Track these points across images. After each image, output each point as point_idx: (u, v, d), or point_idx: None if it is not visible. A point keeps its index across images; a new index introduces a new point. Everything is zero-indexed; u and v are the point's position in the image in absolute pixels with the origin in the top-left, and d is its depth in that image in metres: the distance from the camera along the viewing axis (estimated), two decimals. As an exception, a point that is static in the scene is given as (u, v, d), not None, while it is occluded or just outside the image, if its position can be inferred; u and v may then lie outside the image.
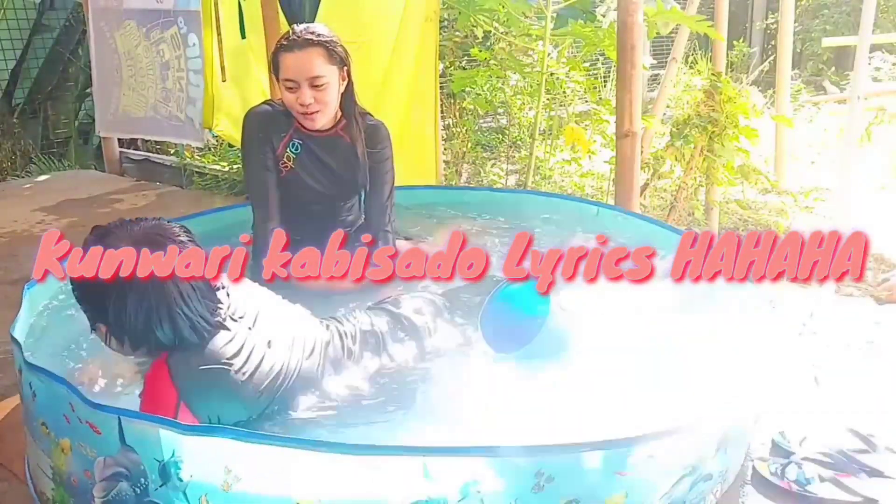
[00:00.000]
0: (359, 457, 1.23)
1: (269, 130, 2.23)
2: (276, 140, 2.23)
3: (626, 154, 2.73)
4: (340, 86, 2.19)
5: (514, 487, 1.24)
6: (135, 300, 1.37)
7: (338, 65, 2.14)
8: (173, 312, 1.39)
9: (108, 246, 1.38)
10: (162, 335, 1.40)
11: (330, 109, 2.19)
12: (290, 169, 2.25)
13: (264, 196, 2.24)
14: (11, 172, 5.68)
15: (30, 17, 5.92)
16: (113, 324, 1.41)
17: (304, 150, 2.25)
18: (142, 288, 1.37)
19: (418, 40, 3.72)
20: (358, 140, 2.27)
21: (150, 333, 1.40)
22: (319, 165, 2.27)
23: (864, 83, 3.64)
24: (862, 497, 1.53)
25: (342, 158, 2.29)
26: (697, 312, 2.00)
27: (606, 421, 1.49)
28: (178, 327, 1.41)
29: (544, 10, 3.50)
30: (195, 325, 1.42)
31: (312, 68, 2.08)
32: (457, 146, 4.95)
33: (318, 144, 2.26)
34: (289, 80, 2.11)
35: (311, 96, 2.11)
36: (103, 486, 1.33)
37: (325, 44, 2.10)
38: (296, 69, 2.09)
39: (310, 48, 2.08)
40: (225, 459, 1.23)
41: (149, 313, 1.38)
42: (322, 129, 2.25)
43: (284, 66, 2.11)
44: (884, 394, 1.97)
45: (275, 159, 2.24)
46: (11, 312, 1.76)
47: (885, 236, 3.24)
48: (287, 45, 2.11)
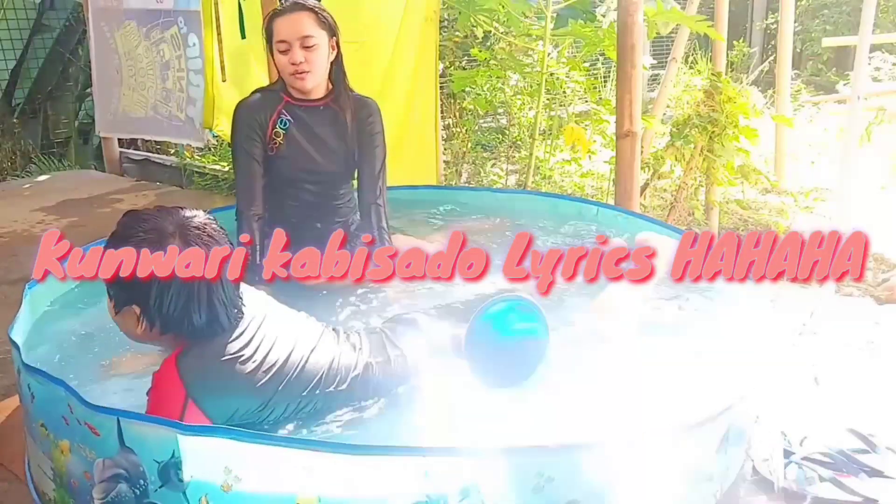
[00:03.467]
0: (359, 457, 1.23)
1: (258, 115, 2.28)
2: (266, 119, 2.29)
3: (626, 154, 2.73)
4: (330, 55, 2.26)
5: (514, 488, 1.24)
6: (179, 283, 1.40)
7: (327, 31, 2.23)
8: (213, 299, 1.43)
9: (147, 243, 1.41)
10: (197, 320, 1.43)
11: (319, 71, 2.25)
12: (280, 146, 2.30)
13: (249, 185, 2.28)
14: (11, 172, 5.68)
15: (30, 17, 5.93)
16: (152, 306, 1.42)
17: (296, 123, 2.30)
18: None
19: (418, 40, 3.72)
20: (348, 110, 2.33)
21: (185, 318, 1.43)
22: (310, 136, 2.31)
23: (864, 83, 3.63)
24: (862, 497, 1.53)
25: (333, 130, 2.33)
26: (697, 312, 2.01)
27: (606, 422, 1.49)
28: (215, 313, 1.44)
29: (544, 10, 3.50)
30: (228, 312, 1.47)
31: (302, 28, 2.18)
32: (457, 146, 4.95)
33: (309, 115, 2.31)
34: (281, 41, 2.20)
35: (302, 55, 2.19)
36: (103, 487, 1.33)
37: (313, 9, 2.22)
38: (287, 30, 2.19)
39: (300, 11, 2.21)
40: (225, 460, 1.23)
41: (189, 297, 1.41)
42: (313, 98, 2.30)
43: (277, 30, 2.21)
44: (884, 394, 1.97)
45: (263, 148, 2.28)
46: (11, 312, 1.76)
47: (885, 236, 3.24)
48: (278, 11, 2.25)
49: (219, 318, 1.46)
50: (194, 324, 1.44)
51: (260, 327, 1.52)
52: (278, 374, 1.50)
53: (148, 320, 1.44)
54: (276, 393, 1.49)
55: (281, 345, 1.53)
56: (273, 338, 1.53)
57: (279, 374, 1.50)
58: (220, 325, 1.46)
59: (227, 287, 1.46)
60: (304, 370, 1.54)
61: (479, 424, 1.53)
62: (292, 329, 1.60)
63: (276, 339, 1.53)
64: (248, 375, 1.46)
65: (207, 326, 1.45)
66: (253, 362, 1.47)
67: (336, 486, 1.23)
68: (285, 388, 1.50)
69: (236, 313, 1.50)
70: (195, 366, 1.43)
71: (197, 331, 1.45)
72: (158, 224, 1.43)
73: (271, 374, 1.49)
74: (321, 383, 1.56)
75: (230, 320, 1.48)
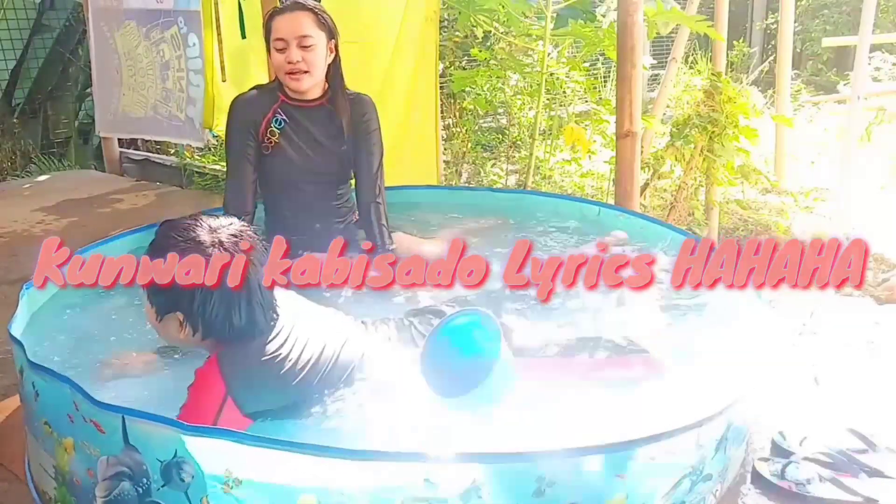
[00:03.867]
0: (359, 462, 1.23)
1: (253, 112, 2.28)
2: (260, 117, 2.27)
3: (626, 154, 2.73)
4: (328, 56, 2.25)
5: (515, 492, 1.24)
6: (220, 290, 1.47)
7: (326, 33, 2.23)
8: (252, 303, 1.51)
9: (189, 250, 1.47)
10: (237, 323, 1.50)
11: (316, 72, 2.24)
12: (276, 144, 2.29)
13: (239, 184, 2.29)
14: (11, 172, 5.67)
15: (30, 17, 5.92)
16: (195, 313, 1.49)
17: (291, 122, 2.29)
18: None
19: (418, 40, 3.72)
20: (344, 112, 2.31)
21: (226, 322, 1.50)
22: (306, 137, 2.31)
23: (864, 83, 3.64)
24: (862, 497, 1.53)
25: (329, 130, 2.32)
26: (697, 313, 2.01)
27: (606, 423, 1.49)
28: (254, 317, 1.52)
29: (544, 10, 3.50)
30: (266, 315, 1.55)
31: (301, 27, 2.18)
32: (457, 146, 4.96)
33: (304, 115, 2.30)
34: (279, 39, 2.19)
35: (299, 55, 2.18)
36: (106, 485, 1.33)
37: (313, 10, 2.22)
38: (286, 28, 2.19)
39: (299, 11, 2.20)
40: (227, 461, 1.23)
41: (230, 303, 1.49)
42: (309, 98, 2.29)
43: (276, 28, 2.21)
44: (884, 394, 1.97)
45: (257, 146, 2.28)
46: (11, 312, 1.76)
47: (885, 236, 3.24)
48: (279, 9, 2.25)
49: (257, 321, 1.53)
50: (234, 327, 1.51)
51: (294, 327, 1.59)
52: (312, 371, 1.56)
53: (191, 326, 1.51)
54: (312, 387, 1.56)
55: (314, 343, 1.59)
56: (306, 337, 1.59)
57: (313, 371, 1.56)
58: (259, 327, 1.54)
59: (263, 291, 1.53)
60: (336, 365, 1.60)
61: (480, 428, 1.53)
62: (323, 326, 1.66)
63: (309, 338, 1.59)
64: (285, 374, 1.53)
65: (247, 329, 1.52)
66: (289, 361, 1.54)
67: (337, 489, 1.23)
68: (319, 383, 1.57)
69: (273, 315, 1.57)
70: (236, 365, 1.50)
71: (237, 333, 1.52)
72: (196, 234, 1.49)
73: (305, 372, 1.55)
74: (351, 377, 1.63)
75: (268, 322, 1.55)
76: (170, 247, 1.48)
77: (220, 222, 1.54)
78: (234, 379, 1.48)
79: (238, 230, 1.54)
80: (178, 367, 1.77)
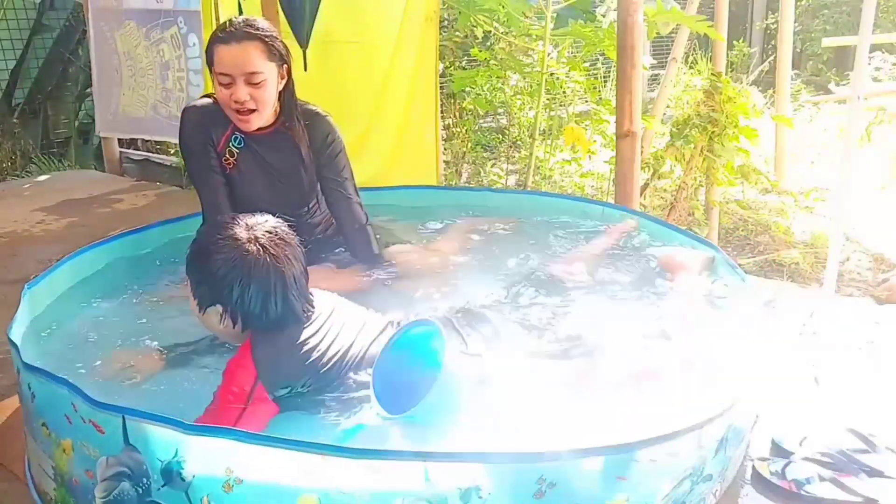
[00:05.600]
0: (360, 460, 1.23)
1: (208, 125, 2.10)
2: (218, 135, 2.10)
3: (626, 154, 2.74)
4: (279, 84, 2.05)
5: (515, 493, 1.24)
6: (257, 283, 1.56)
7: (277, 62, 2.01)
8: (287, 294, 1.59)
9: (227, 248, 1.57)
10: (274, 314, 1.59)
11: (266, 109, 2.04)
12: (235, 166, 2.12)
13: (213, 197, 2.12)
14: (11, 172, 5.67)
15: (30, 17, 5.91)
16: (234, 305, 1.58)
17: (247, 149, 2.12)
18: (264, 273, 1.57)
19: (418, 40, 3.73)
20: (301, 139, 2.13)
21: (263, 313, 1.58)
22: (263, 165, 2.14)
23: (864, 83, 3.64)
24: (862, 497, 1.53)
25: (287, 157, 2.14)
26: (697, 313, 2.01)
27: (606, 425, 1.49)
28: (290, 306, 1.60)
29: (544, 10, 3.51)
30: (302, 305, 1.63)
31: (250, 63, 1.94)
32: (457, 146, 4.96)
33: (258, 143, 2.12)
34: (224, 73, 1.96)
35: (246, 93, 1.97)
36: (105, 485, 1.33)
37: (264, 38, 1.97)
38: (231, 63, 1.95)
39: (247, 42, 1.95)
40: (227, 460, 1.23)
41: (267, 295, 1.57)
42: (261, 126, 2.09)
43: (219, 59, 1.96)
44: (884, 394, 1.97)
45: (218, 157, 2.12)
46: (11, 312, 1.76)
47: (884, 236, 3.24)
48: (223, 37, 1.96)
49: (294, 310, 1.61)
50: (271, 317, 1.59)
51: (327, 320, 1.66)
52: (340, 362, 1.62)
53: (231, 317, 1.60)
54: (338, 378, 1.62)
55: (344, 336, 1.66)
56: (338, 330, 1.66)
57: (341, 361, 1.62)
58: (295, 315, 1.62)
59: (298, 282, 1.62)
60: (364, 359, 1.65)
61: (480, 428, 1.53)
62: (356, 322, 1.72)
63: (340, 331, 1.66)
64: (313, 362, 1.59)
65: (283, 318, 1.61)
66: (318, 351, 1.60)
67: (338, 488, 1.23)
68: (345, 374, 1.62)
69: (308, 307, 1.65)
70: (268, 351, 1.57)
71: (273, 323, 1.60)
72: (233, 231, 1.59)
73: (333, 362, 1.61)
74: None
75: (303, 313, 1.63)
76: (209, 244, 1.59)
77: (256, 220, 1.64)
78: (265, 365, 1.54)
79: (273, 226, 1.63)
80: (181, 366, 1.77)
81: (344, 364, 1.63)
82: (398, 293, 2.16)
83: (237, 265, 1.56)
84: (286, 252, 1.61)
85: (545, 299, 2.04)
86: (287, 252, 1.61)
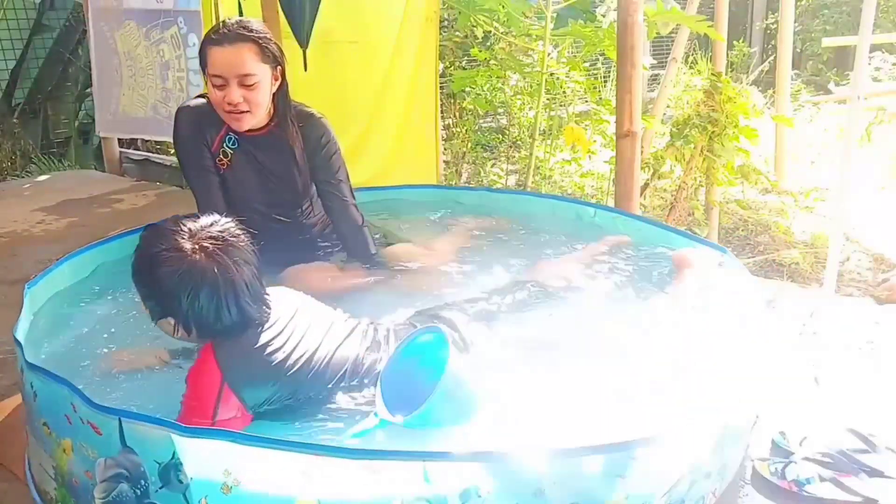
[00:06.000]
0: (358, 461, 1.23)
1: (202, 125, 2.10)
2: (211, 135, 2.11)
3: (626, 154, 2.73)
4: (273, 86, 2.05)
5: (515, 493, 1.24)
6: (208, 293, 1.51)
7: (270, 63, 2.02)
8: (241, 301, 1.54)
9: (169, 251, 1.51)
10: (228, 321, 1.54)
11: (260, 111, 2.05)
12: (229, 167, 2.14)
13: (209, 197, 2.13)
14: (11, 172, 5.67)
15: (30, 17, 5.92)
16: (186, 317, 1.53)
17: (240, 149, 2.13)
18: (212, 283, 1.51)
19: (418, 40, 3.73)
20: (295, 141, 2.13)
21: (217, 321, 1.54)
22: (256, 166, 2.15)
23: (864, 83, 3.64)
24: (862, 497, 1.53)
25: (281, 159, 2.15)
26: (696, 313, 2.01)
27: (606, 424, 1.49)
28: (244, 312, 1.55)
29: (544, 10, 3.50)
30: (258, 308, 1.58)
31: (243, 65, 1.95)
32: (457, 146, 4.96)
33: (252, 144, 2.13)
34: (217, 75, 1.97)
35: (239, 95, 1.98)
36: (104, 486, 1.33)
37: (257, 40, 1.98)
38: (224, 65, 1.95)
39: (241, 43, 1.95)
40: (225, 462, 1.23)
41: (219, 304, 1.52)
42: (255, 128, 2.11)
43: (212, 61, 1.97)
44: (884, 394, 1.97)
45: (212, 157, 2.13)
46: (11, 312, 1.76)
47: (884, 236, 3.24)
48: (217, 38, 1.97)
49: (249, 315, 1.56)
50: (226, 325, 1.54)
51: (291, 320, 1.61)
52: (307, 365, 1.57)
53: (184, 328, 1.56)
54: (305, 382, 1.57)
55: (310, 338, 1.61)
56: (303, 331, 1.61)
57: (307, 364, 1.57)
58: (251, 319, 1.57)
59: (252, 286, 1.56)
60: (331, 362, 1.61)
61: (480, 428, 1.53)
62: (323, 324, 1.67)
63: (305, 333, 1.61)
64: (279, 364, 1.55)
65: (239, 323, 1.56)
66: (283, 352, 1.56)
67: (336, 489, 1.23)
68: (313, 378, 1.58)
69: (264, 308, 1.60)
70: (231, 353, 1.53)
71: (229, 329, 1.55)
72: (177, 243, 1.52)
73: (300, 365, 1.56)
74: (346, 376, 1.63)
75: (260, 314, 1.58)
76: (153, 258, 1.52)
77: (200, 224, 1.56)
78: (230, 367, 1.51)
79: (219, 231, 1.56)
80: (181, 366, 1.77)
81: (311, 368, 1.57)
82: (395, 293, 2.17)
83: (184, 277, 1.50)
84: (235, 257, 1.54)
85: (541, 300, 2.04)
86: (236, 257, 1.54)
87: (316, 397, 1.59)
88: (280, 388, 1.55)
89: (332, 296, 2.12)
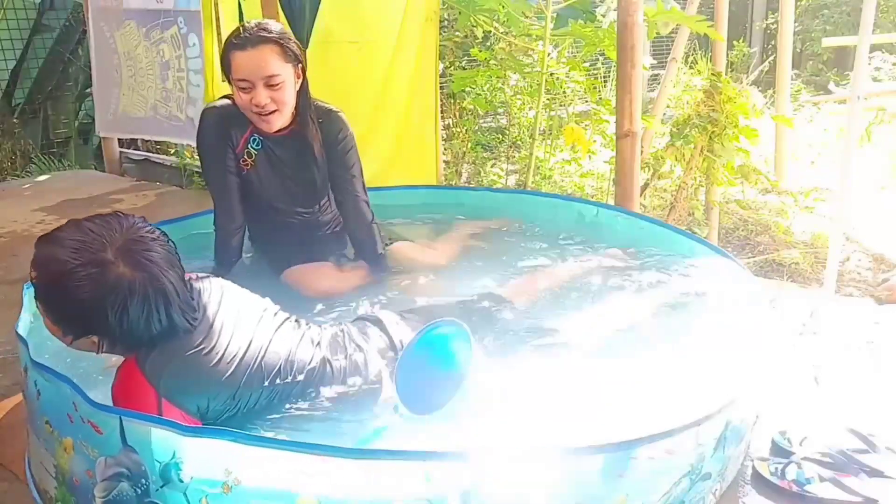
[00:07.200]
0: (360, 461, 1.23)
1: (228, 127, 2.13)
2: (237, 136, 2.14)
3: (626, 154, 2.73)
4: (296, 84, 2.08)
5: (514, 492, 1.24)
6: (137, 306, 1.39)
7: (293, 62, 2.04)
8: (170, 311, 1.43)
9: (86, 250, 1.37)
10: (157, 331, 1.43)
11: (287, 110, 2.08)
12: (252, 167, 2.17)
13: (227, 200, 2.17)
14: (11, 172, 5.67)
15: (30, 17, 5.92)
16: (113, 333, 1.41)
17: (263, 150, 2.16)
18: (141, 294, 1.39)
19: (418, 40, 3.73)
20: (316, 139, 2.16)
21: (146, 333, 1.42)
22: (279, 165, 2.19)
23: (864, 83, 3.64)
24: (862, 497, 1.53)
25: (303, 157, 2.19)
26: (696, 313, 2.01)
27: (606, 423, 1.49)
28: (173, 321, 1.44)
29: (544, 10, 3.50)
30: (187, 316, 1.47)
31: (268, 67, 1.98)
32: (457, 146, 4.96)
33: (275, 144, 2.17)
34: (242, 79, 1.99)
35: (266, 96, 2.01)
36: (104, 486, 1.33)
37: (279, 40, 2.00)
38: (250, 68, 1.98)
39: (263, 45, 1.98)
40: (225, 461, 1.23)
41: (149, 316, 1.41)
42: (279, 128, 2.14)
43: (237, 66, 1.99)
44: (884, 394, 1.97)
45: (235, 158, 2.16)
46: (11, 312, 1.76)
47: (885, 236, 3.24)
48: (239, 42, 1.99)
49: (177, 325, 1.45)
50: (154, 335, 1.43)
51: (216, 315, 1.53)
52: (241, 364, 1.50)
53: (109, 345, 1.44)
54: (242, 383, 1.50)
55: (240, 335, 1.54)
56: (231, 327, 1.53)
57: (242, 364, 1.50)
58: (180, 328, 1.46)
59: (180, 293, 1.45)
60: (264, 360, 1.54)
61: (480, 427, 1.53)
62: (250, 317, 1.59)
63: (234, 329, 1.53)
64: (213, 367, 1.47)
65: (168, 333, 1.44)
66: (216, 354, 1.48)
67: (337, 489, 1.23)
68: (249, 378, 1.51)
69: (193, 314, 1.49)
70: (160, 364, 1.43)
71: (157, 339, 1.44)
72: (95, 255, 1.37)
73: (235, 365, 1.49)
74: (280, 374, 1.56)
75: (189, 322, 1.47)
76: (67, 276, 1.35)
77: (111, 228, 1.41)
78: (161, 379, 1.41)
79: (139, 237, 1.42)
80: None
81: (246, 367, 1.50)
82: (397, 290, 2.18)
83: (110, 292, 1.36)
84: (160, 262, 1.41)
85: (543, 300, 2.04)
86: (160, 261, 1.41)
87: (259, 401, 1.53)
88: (218, 393, 1.47)
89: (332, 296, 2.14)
